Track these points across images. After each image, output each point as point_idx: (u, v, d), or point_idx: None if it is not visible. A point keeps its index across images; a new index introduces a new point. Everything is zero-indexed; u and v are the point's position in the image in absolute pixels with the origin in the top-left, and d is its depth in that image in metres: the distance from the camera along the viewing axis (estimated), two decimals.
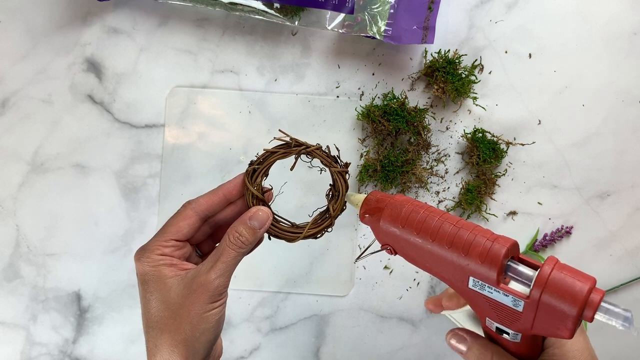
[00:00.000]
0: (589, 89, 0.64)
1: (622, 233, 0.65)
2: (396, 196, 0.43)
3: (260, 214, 0.42)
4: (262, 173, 0.44)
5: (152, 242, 0.42)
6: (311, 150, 0.44)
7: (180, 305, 0.40)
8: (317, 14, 0.62)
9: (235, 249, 0.41)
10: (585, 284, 0.34)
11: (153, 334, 0.40)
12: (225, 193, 0.43)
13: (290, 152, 0.44)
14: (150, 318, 0.41)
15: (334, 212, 0.45)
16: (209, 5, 0.63)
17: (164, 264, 0.41)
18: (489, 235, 0.37)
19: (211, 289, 0.40)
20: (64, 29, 0.65)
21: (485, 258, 0.36)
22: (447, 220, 0.39)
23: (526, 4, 0.64)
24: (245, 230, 0.41)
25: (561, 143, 0.64)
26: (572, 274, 0.35)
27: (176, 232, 0.42)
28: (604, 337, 0.65)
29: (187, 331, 0.39)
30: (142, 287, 0.41)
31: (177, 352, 0.40)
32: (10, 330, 0.66)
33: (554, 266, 0.36)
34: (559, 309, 0.34)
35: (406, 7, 0.62)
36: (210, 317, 0.40)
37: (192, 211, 0.42)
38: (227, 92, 0.65)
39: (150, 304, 0.41)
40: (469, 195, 0.63)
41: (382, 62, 0.65)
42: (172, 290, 0.40)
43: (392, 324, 0.66)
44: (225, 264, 0.40)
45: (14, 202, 0.66)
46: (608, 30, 0.64)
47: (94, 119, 0.65)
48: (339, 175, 0.45)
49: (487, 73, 0.64)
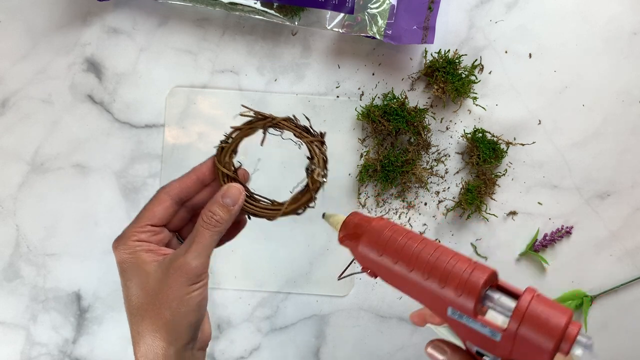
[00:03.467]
0: (589, 89, 0.64)
1: (622, 233, 0.65)
2: (374, 220, 0.41)
3: (232, 191, 0.41)
4: (231, 151, 0.43)
5: (128, 229, 0.41)
6: (277, 122, 0.42)
7: (159, 290, 0.39)
8: (317, 14, 0.62)
9: (210, 229, 0.40)
10: (562, 318, 0.34)
11: (135, 321, 0.40)
12: (198, 175, 0.43)
13: (256, 126, 0.43)
14: (131, 305, 0.40)
15: (313, 185, 0.43)
16: (209, 5, 0.63)
17: (142, 250, 0.40)
18: (467, 264, 0.37)
19: (189, 271, 0.39)
20: (64, 29, 0.65)
21: (462, 289, 0.36)
22: (426, 248, 0.38)
23: (526, 4, 0.64)
24: (218, 209, 0.40)
25: (561, 143, 0.64)
26: (549, 307, 0.35)
27: (151, 217, 0.41)
28: (604, 337, 0.65)
29: (168, 315, 0.39)
30: (122, 276, 0.41)
31: (159, 336, 0.39)
32: (10, 330, 0.66)
33: (532, 298, 0.36)
34: (536, 342, 0.34)
35: (406, 7, 0.62)
36: (190, 300, 0.39)
37: (166, 195, 0.42)
38: (227, 92, 0.65)
39: (130, 291, 0.40)
40: (469, 195, 0.63)
41: (382, 62, 0.65)
42: (151, 275, 0.39)
43: (392, 324, 0.66)
44: (201, 245, 0.40)
45: (14, 202, 0.66)
46: (608, 30, 0.64)
47: (94, 119, 0.65)
48: (313, 146, 0.43)
49: (487, 73, 0.64)
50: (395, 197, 0.65)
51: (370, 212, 0.65)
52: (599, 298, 0.65)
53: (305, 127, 0.43)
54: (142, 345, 0.39)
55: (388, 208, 0.65)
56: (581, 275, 0.65)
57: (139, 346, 0.40)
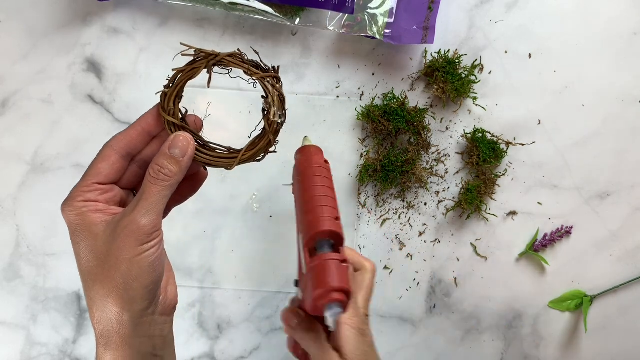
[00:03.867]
0: (589, 89, 0.64)
1: (622, 233, 0.65)
2: (316, 157, 0.48)
3: (180, 140, 0.38)
4: (174, 96, 0.39)
5: (74, 189, 0.38)
6: (221, 58, 0.38)
7: (107, 252, 0.36)
8: (317, 14, 0.62)
9: (158, 183, 0.37)
10: (332, 283, 0.40)
11: (87, 287, 0.37)
12: (144, 126, 0.39)
13: (199, 66, 0.38)
14: (82, 269, 0.37)
15: (270, 127, 0.39)
16: (209, 5, 0.63)
17: (89, 211, 0.37)
18: (329, 215, 0.44)
19: (137, 230, 0.36)
20: (64, 29, 0.65)
21: (307, 227, 0.43)
22: (318, 189, 0.46)
23: (526, 4, 0.64)
24: (166, 162, 0.37)
25: (561, 143, 0.64)
26: (331, 274, 0.41)
27: (97, 174, 0.38)
28: (604, 337, 0.65)
29: (118, 278, 0.36)
30: (71, 239, 0.38)
31: (111, 301, 0.36)
32: (10, 330, 0.66)
33: (330, 259, 0.42)
34: (309, 290, 0.41)
35: (406, 7, 0.62)
36: (141, 261, 0.36)
37: (110, 149, 0.39)
38: (227, 92, 0.65)
39: (79, 254, 0.37)
40: (469, 195, 0.63)
41: (382, 62, 0.65)
42: (99, 237, 0.37)
43: (392, 324, 0.66)
44: (149, 202, 0.36)
45: (14, 202, 0.66)
46: (608, 30, 0.64)
47: (94, 119, 0.65)
48: (265, 82, 0.39)
49: (487, 73, 0.64)
50: (395, 197, 0.65)
51: (370, 212, 0.65)
52: (599, 298, 0.65)
53: (254, 62, 0.39)
54: (96, 311, 0.37)
55: (388, 208, 0.65)
56: (581, 275, 0.65)
57: (93, 312, 0.37)
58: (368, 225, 0.65)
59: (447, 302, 0.65)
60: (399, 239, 0.65)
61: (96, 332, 0.37)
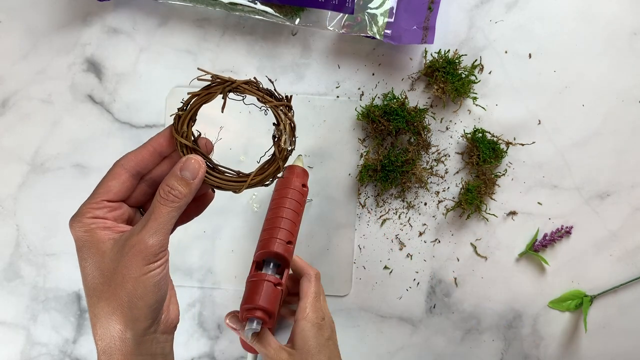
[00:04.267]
0: (589, 89, 0.64)
1: (622, 233, 0.65)
2: (297, 179, 0.57)
3: (191, 163, 0.38)
4: (188, 119, 0.40)
5: (83, 206, 0.39)
6: (237, 85, 0.39)
7: (114, 269, 0.37)
8: (317, 14, 0.62)
9: (167, 204, 0.37)
10: (259, 301, 0.50)
11: (91, 302, 0.37)
12: (155, 146, 0.40)
13: (214, 91, 0.40)
14: (88, 286, 0.38)
15: (280, 154, 0.40)
16: (209, 5, 0.63)
17: (97, 227, 0.37)
18: (282, 238, 0.53)
19: (144, 249, 0.36)
20: (64, 29, 0.65)
21: (260, 244, 0.53)
22: (288, 211, 0.55)
23: (526, 4, 0.64)
24: (177, 183, 0.38)
25: (561, 143, 0.64)
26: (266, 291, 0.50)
27: (106, 192, 0.38)
28: (604, 337, 0.65)
29: (124, 297, 0.36)
30: (78, 255, 0.38)
31: (115, 319, 0.36)
32: (10, 330, 0.66)
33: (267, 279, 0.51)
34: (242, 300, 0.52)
35: (406, 7, 0.62)
36: (147, 281, 0.36)
37: (121, 168, 0.39)
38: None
39: (86, 271, 0.38)
40: (469, 195, 0.63)
41: (382, 62, 0.65)
42: (106, 254, 0.37)
43: (392, 324, 0.66)
44: (158, 222, 0.37)
45: (14, 202, 0.66)
46: (608, 30, 0.64)
47: (94, 119, 0.65)
48: (279, 111, 0.40)
49: (487, 73, 0.64)
50: (395, 197, 0.65)
51: (370, 212, 0.65)
52: (599, 298, 0.65)
53: (268, 90, 0.40)
54: (99, 328, 0.37)
55: (388, 208, 0.65)
56: (581, 275, 0.65)
57: (97, 328, 0.37)
58: (368, 225, 0.65)
59: (447, 302, 0.65)
60: (399, 239, 0.65)
61: (98, 348, 0.37)
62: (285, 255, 0.53)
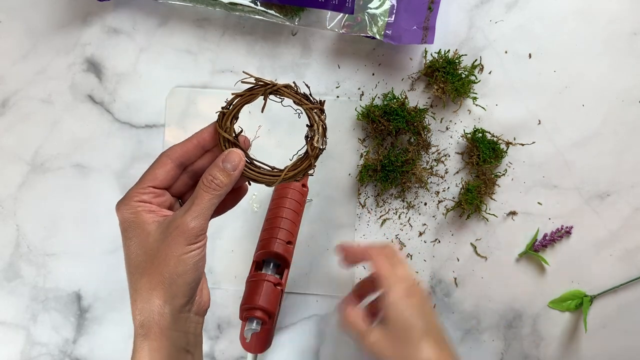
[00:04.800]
0: (589, 89, 0.64)
1: (622, 233, 0.65)
2: (298, 186, 0.58)
3: (233, 156, 0.42)
4: (232, 116, 0.43)
5: (131, 190, 0.42)
6: (277, 88, 0.44)
7: (157, 248, 0.40)
8: (317, 14, 0.62)
9: (210, 192, 0.41)
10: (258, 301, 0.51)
11: (133, 279, 0.41)
12: (199, 140, 0.43)
13: (256, 93, 0.44)
14: (131, 263, 0.41)
15: (312, 152, 0.44)
16: (209, 5, 0.63)
17: (143, 210, 0.41)
18: (283, 238, 0.54)
19: (187, 231, 0.40)
20: (64, 29, 0.65)
21: (261, 244, 0.55)
22: (288, 211, 0.56)
23: (526, 4, 0.64)
24: (218, 173, 0.41)
25: (561, 143, 0.64)
26: (265, 291, 0.52)
27: (153, 179, 0.42)
28: (604, 337, 0.65)
29: (165, 273, 0.40)
30: (123, 235, 0.42)
31: (156, 294, 0.40)
32: (10, 330, 0.66)
33: (267, 279, 0.52)
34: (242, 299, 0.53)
35: (406, 7, 0.62)
36: (187, 259, 0.40)
37: (167, 158, 0.43)
38: (227, 92, 0.65)
39: (130, 249, 0.41)
40: (469, 195, 0.63)
41: (382, 62, 0.65)
42: (151, 235, 0.41)
43: None
44: (200, 207, 0.41)
45: (14, 202, 0.66)
46: (608, 30, 0.64)
47: (94, 119, 0.65)
48: (313, 113, 0.44)
49: (487, 73, 0.64)
50: (395, 197, 0.65)
51: (370, 212, 0.65)
52: (599, 298, 0.65)
53: (305, 94, 0.44)
54: (139, 302, 0.40)
55: (388, 208, 0.65)
56: (581, 275, 0.65)
57: (136, 303, 0.41)
58: (368, 225, 0.65)
59: (447, 302, 0.65)
60: (399, 239, 0.65)
61: (136, 322, 0.41)
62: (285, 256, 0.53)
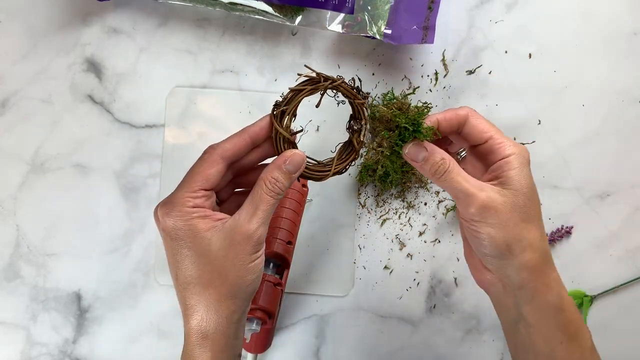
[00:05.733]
0: (589, 89, 0.64)
1: (622, 233, 0.65)
2: (299, 187, 0.58)
3: (296, 158, 0.40)
4: (291, 114, 0.42)
5: (180, 194, 0.39)
6: (338, 84, 0.42)
7: (223, 257, 0.38)
8: (317, 14, 0.62)
9: (273, 196, 0.39)
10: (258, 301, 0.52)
11: (194, 291, 0.38)
12: (252, 135, 0.41)
13: (318, 87, 0.42)
14: (189, 274, 0.38)
15: (358, 145, 0.43)
16: (209, 5, 0.63)
17: (198, 217, 0.38)
18: (283, 238, 0.54)
19: (254, 239, 0.38)
20: (64, 29, 0.65)
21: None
22: (289, 211, 0.56)
23: (526, 4, 0.64)
24: (281, 176, 0.39)
25: (561, 143, 0.64)
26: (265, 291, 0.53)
27: (205, 180, 0.39)
28: (604, 337, 0.65)
29: (234, 284, 0.38)
30: (175, 244, 0.38)
31: (225, 305, 0.38)
32: (10, 330, 0.66)
33: (267, 279, 0.53)
34: None
35: (406, 7, 0.62)
36: (254, 268, 0.38)
37: (218, 157, 0.39)
38: (227, 92, 0.65)
39: (186, 260, 0.38)
40: None
41: (382, 62, 0.65)
42: (212, 243, 0.38)
43: (392, 324, 0.66)
44: (264, 212, 0.38)
45: (14, 202, 0.66)
46: (608, 30, 0.64)
47: (94, 119, 0.65)
48: (363, 108, 0.43)
49: (487, 73, 0.64)
50: (395, 197, 0.65)
51: (370, 212, 0.65)
52: (599, 298, 0.65)
53: (358, 88, 0.43)
54: (204, 313, 0.38)
55: (388, 208, 0.65)
56: (581, 275, 0.65)
57: (198, 314, 0.38)
58: (368, 225, 0.65)
59: (447, 302, 0.65)
60: (399, 239, 0.65)
61: (193, 332, 0.38)
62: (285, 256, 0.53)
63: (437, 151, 0.41)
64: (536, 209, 0.41)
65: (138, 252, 0.65)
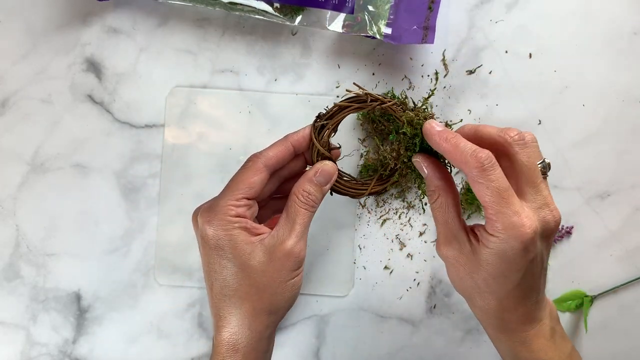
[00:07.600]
0: (589, 89, 0.64)
1: (622, 233, 0.65)
2: None
3: (327, 169, 0.39)
4: (331, 129, 0.40)
5: (223, 201, 0.38)
6: (387, 106, 0.41)
7: (262, 272, 0.37)
8: (317, 14, 0.62)
9: (309, 209, 0.38)
10: None
11: (229, 303, 0.38)
12: (295, 144, 0.40)
13: (365, 107, 0.40)
14: (226, 286, 0.37)
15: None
16: (209, 5, 0.63)
17: (240, 227, 0.37)
18: None
19: (295, 254, 0.37)
20: (64, 29, 0.65)
21: None
22: None
23: (526, 4, 0.64)
24: (313, 188, 0.38)
25: (561, 143, 0.64)
26: None
27: (249, 188, 0.38)
28: (604, 337, 0.65)
29: (272, 299, 0.37)
30: (214, 252, 0.37)
31: (260, 320, 0.37)
32: (10, 330, 0.66)
33: None
34: None
35: (406, 7, 0.62)
36: (294, 285, 0.38)
37: (262, 165, 0.38)
38: (227, 92, 0.65)
39: (224, 270, 0.37)
40: (469, 195, 0.63)
41: (382, 62, 0.65)
42: (253, 257, 0.37)
43: (392, 324, 0.66)
44: (302, 226, 0.38)
45: (14, 202, 0.66)
46: (608, 30, 0.64)
47: (94, 119, 0.65)
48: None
49: (487, 73, 0.64)
50: (395, 197, 0.65)
51: (370, 212, 0.65)
52: (599, 298, 0.65)
53: (403, 101, 0.42)
54: (237, 326, 0.37)
55: (388, 208, 0.65)
56: (581, 275, 0.65)
57: (230, 326, 0.38)
58: (368, 225, 0.65)
59: (447, 302, 0.65)
60: (399, 239, 0.65)
61: (224, 343, 0.38)
62: None
63: (433, 179, 0.40)
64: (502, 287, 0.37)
65: (138, 252, 0.65)
